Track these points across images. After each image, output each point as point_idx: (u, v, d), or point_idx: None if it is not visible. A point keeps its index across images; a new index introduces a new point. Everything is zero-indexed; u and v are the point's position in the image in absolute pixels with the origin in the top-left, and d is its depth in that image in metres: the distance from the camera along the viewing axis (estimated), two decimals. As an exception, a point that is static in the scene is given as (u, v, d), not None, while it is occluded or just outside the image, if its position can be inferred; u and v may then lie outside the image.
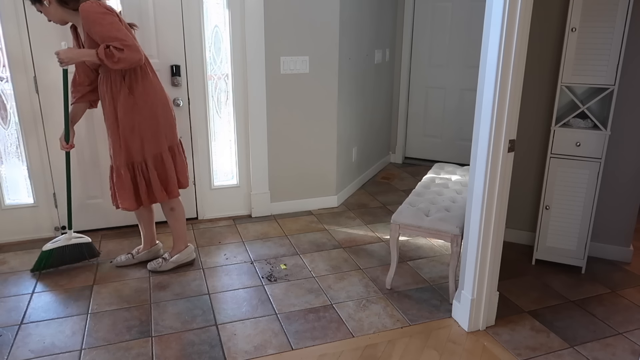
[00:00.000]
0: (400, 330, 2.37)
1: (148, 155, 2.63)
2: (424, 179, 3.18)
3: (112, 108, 2.59)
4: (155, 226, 3.00)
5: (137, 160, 2.63)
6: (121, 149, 2.60)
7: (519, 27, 1.97)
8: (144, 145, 2.62)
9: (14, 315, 2.46)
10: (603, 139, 2.69)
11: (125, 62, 2.41)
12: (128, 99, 2.55)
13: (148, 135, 2.61)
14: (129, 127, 2.58)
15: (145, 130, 2.60)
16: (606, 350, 2.24)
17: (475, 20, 4.52)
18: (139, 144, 2.61)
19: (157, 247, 3.03)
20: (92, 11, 2.39)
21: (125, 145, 2.60)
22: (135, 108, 2.56)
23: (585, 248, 2.85)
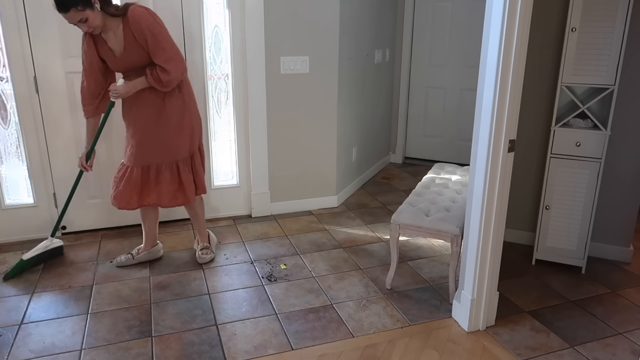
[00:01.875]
0: (400, 330, 2.37)
1: (194, 150, 2.77)
2: (424, 179, 3.18)
3: (155, 109, 2.61)
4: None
5: (183, 157, 2.71)
6: (165, 146, 2.65)
7: (519, 27, 1.97)
8: (192, 141, 2.74)
9: (14, 315, 2.46)
10: (603, 139, 2.69)
11: (174, 81, 2.54)
12: (178, 98, 2.64)
13: (197, 131, 2.76)
14: (179, 125, 2.66)
15: (194, 127, 2.73)
16: (606, 350, 2.24)
17: (475, 20, 4.52)
18: (189, 140, 2.71)
19: (158, 247, 3.04)
20: (144, 15, 2.45)
21: (172, 143, 2.66)
22: (184, 106, 2.67)
23: (585, 248, 2.85)
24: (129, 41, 2.47)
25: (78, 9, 2.32)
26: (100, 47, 2.54)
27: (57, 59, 3.03)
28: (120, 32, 2.47)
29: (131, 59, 2.53)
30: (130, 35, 2.46)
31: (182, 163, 2.71)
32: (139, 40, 2.46)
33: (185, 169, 2.72)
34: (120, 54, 2.51)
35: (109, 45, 2.52)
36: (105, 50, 2.54)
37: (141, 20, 2.43)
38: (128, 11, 2.44)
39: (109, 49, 2.53)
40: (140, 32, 2.44)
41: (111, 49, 2.53)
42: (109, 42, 2.52)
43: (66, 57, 3.05)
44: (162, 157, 2.67)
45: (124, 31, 2.46)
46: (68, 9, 2.32)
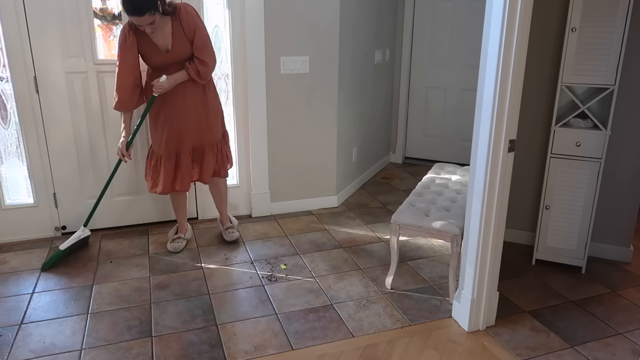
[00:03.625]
0: (400, 330, 2.37)
1: (225, 130, 3.11)
2: (424, 179, 3.18)
3: (197, 96, 2.85)
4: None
5: (218, 138, 3.02)
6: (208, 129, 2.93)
7: (519, 27, 1.97)
8: (223, 123, 3.09)
9: (14, 315, 2.46)
10: (603, 139, 2.69)
11: (209, 73, 2.84)
12: (211, 85, 2.95)
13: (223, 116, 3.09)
14: (216, 110, 2.97)
15: (221, 111, 3.07)
16: (606, 350, 2.24)
17: (475, 20, 4.51)
18: (221, 122, 3.06)
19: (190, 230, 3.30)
20: (193, 13, 2.71)
21: (213, 125, 2.95)
22: (215, 93, 3.00)
23: (586, 248, 2.85)
24: (178, 37, 2.69)
25: (151, 13, 2.53)
26: (144, 44, 2.70)
27: (57, 59, 3.03)
28: (169, 29, 2.67)
29: (177, 54, 2.72)
30: (180, 31, 2.68)
31: (219, 143, 3.02)
32: (187, 35, 2.69)
33: (222, 148, 3.06)
34: (167, 49, 2.71)
35: (154, 41, 2.69)
36: (149, 47, 2.71)
37: (193, 17, 2.70)
38: (178, 9, 2.67)
39: (154, 45, 2.70)
40: (190, 28, 2.69)
41: (156, 45, 2.70)
42: (154, 38, 2.69)
43: (66, 57, 3.05)
44: (206, 139, 2.94)
45: (173, 27, 2.67)
46: (143, 13, 2.50)
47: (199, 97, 2.87)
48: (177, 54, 2.73)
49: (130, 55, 2.70)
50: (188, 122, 2.87)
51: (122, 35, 2.69)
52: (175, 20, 2.67)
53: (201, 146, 2.95)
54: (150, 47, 2.71)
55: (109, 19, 3.15)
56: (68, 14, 2.99)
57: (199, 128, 2.91)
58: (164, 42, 2.70)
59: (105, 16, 3.14)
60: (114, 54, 3.20)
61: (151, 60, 2.76)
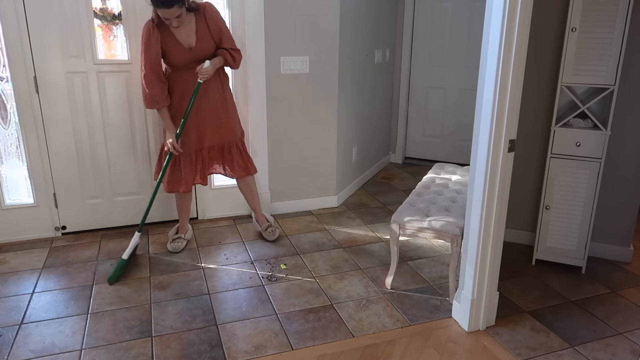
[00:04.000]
0: (400, 330, 2.37)
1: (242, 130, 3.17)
2: (424, 179, 3.18)
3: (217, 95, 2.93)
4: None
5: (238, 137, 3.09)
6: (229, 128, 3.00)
7: (519, 27, 1.97)
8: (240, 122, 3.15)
9: (14, 315, 2.46)
10: (603, 139, 2.69)
11: (240, 62, 2.95)
12: (228, 85, 3.03)
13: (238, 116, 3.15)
14: (234, 109, 3.05)
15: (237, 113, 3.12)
16: (606, 350, 2.24)
17: (475, 20, 4.52)
18: (239, 121, 3.13)
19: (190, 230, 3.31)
20: (218, 13, 2.82)
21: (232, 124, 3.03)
22: (230, 92, 3.06)
23: (586, 248, 2.85)
24: (202, 33, 2.75)
25: (179, 6, 2.57)
26: (167, 41, 2.73)
27: (57, 59, 3.03)
28: (193, 26, 2.73)
29: (201, 51, 2.78)
30: (204, 27, 2.74)
31: (239, 141, 3.09)
32: (212, 31, 2.77)
33: (244, 146, 3.12)
34: (190, 46, 2.76)
35: (177, 38, 2.73)
36: (172, 44, 2.74)
37: (217, 14, 2.80)
38: (203, 6, 2.74)
39: (177, 41, 2.74)
40: (216, 24, 2.77)
41: (179, 42, 2.74)
42: (178, 34, 2.73)
43: (66, 57, 3.05)
44: (226, 138, 3.01)
45: (197, 24, 2.73)
46: (172, 5, 2.54)
47: (218, 97, 2.93)
48: (200, 51, 2.77)
49: (154, 50, 2.71)
50: (208, 122, 2.92)
51: (146, 31, 2.70)
52: (199, 18, 2.73)
53: (222, 145, 3.02)
54: (173, 43, 2.74)
55: (109, 19, 3.15)
56: (68, 14, 2.99)
57: (219, 127, 2.97)
58: (187, 39, 2.74)
59: (105, 16, 3.14)
60: (114, 54, 3.21)
61: (172, 58, 2.78)
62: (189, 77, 2.82)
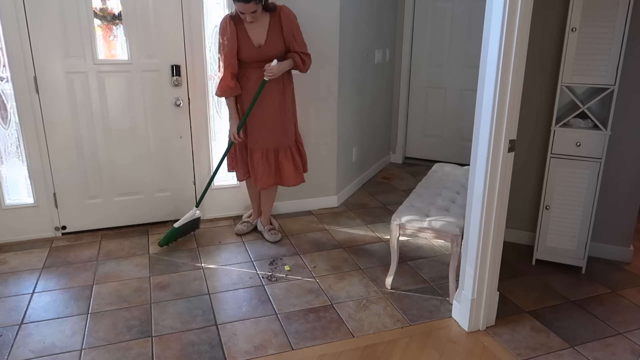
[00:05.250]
0: (400, 330, 2.37)
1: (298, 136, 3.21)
2: (424, 179, 3.18)
3: (277, 98, 2.97)
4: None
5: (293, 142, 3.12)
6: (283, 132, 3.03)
7: (519, 27, 1.97)
8: (297, 129, 3.18)
9: (14, 315, 2.46)
10: (603, 139, 2.69)
11: (309, 66, 3.03)
12: (291, 90, 3.07)
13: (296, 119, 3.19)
14: (293, 114, 3.09)
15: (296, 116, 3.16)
16: (606, 350, 2.24)
17: (475, 20, 4.51)
18: (295, 128, 3.16)
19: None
20: (294, 18, 2.90)
21: (288, 129, 3.05)
22: (293, 98, 3.11)
23: (586, 248, 2.85)
24: (274, 33, 2.84)
25: (256, 3, 2.69)
26: (240, 36, 2.83)
27: (57, 59, 3.03)
28: (266, 25, 2.83)
29: (269, 50, 2.85)
30: (277, 28, 2.84)
31: (292, 147, 3.11)
32: (285, 33, 2.86)
33: (296, 153, 3.14)
34: (260, 44, 2.85)
35: (249, 34, 2.83)
36: (243, 39, 2.84)
37: (293, 18, 2.88)
38: (279, 8, 2.85)
39: (248, 38, 2.83)
40: (289, 27, 2.85)
41: (250, 39, 2.83)
42: (250, 31, 2.83)
43: (66, 57, 3.05)
44: (279, 142, 3.03)
45: (270, 24, 2.83)
46: (250, 1, 2.66)
47: (278, 99, 2.98)
48: (268, 50, 2.85)
49: (230, 43, 2.82)
50: (264, 122, 2.98)
51: (223, 24, 2.84)
52: (274, 18, 2.83)
53: (275, 149, 3.05)
54: (244, 39, 2.82)
55: (109, 19, 3.15)
56: (68, 14, 2.99)
57: (273, 129, 3.00)
58: (258, 37, 2.83)
59: (105, 16, 3.14)
60: (114, 54, 3.21)
61: (241, 53, 2.85)
62: (255, 75, 2.90)
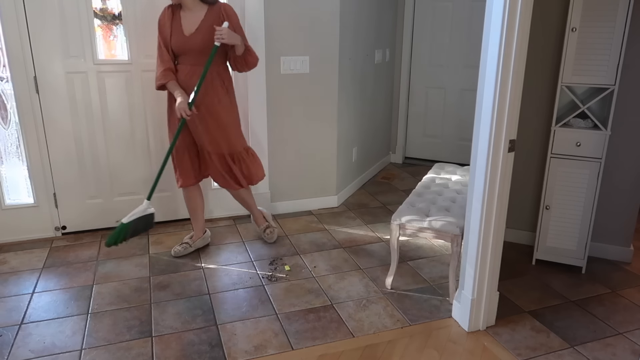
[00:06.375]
0: (400, 330, 2.37)
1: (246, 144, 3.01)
2: (424, 179, 3.18)
3: (210, 99, 2.79)
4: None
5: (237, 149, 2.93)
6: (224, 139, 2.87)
7: (519, 27, 1.97)
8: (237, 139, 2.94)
9: (14, 315, 2.46)
10: (603, 139, 2.69)
11: (253, 64, 2.86)
12: (226, 97, 2.86)
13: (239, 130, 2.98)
14: (230, 120, 2.89)
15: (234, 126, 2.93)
16: (606, 350, 2.24)
17: (475, 20, 4.52)
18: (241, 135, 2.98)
19: (207, 233, 3.23)
20: (235, 13, 2.77)
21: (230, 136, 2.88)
22: (231, 106, 2.90)
23: (586, 248, 2.85)
24: (206, 25, 2.70)
25: None
26: (174, 24, 2.75)
27: (57, 59, 3.03)
28: (201, 16, 2.72)
29: (197, 40, 2.71)
30: (214, 21, 2.70)
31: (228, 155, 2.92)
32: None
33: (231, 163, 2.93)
34: (190, 33, 2.72)
35: (182, 23, 2.74)
36: (176, 27, 2.75)
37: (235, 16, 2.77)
38: (220, 4, 2.74)
39: (180, 26, 2.74)
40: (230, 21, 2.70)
41: (182, 27, 2.74)
42: (183, 20, 2.74)
43: (66, 57, 3.05)
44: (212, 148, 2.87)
45: (206, 16, 2.72)
46: None
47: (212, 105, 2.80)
48: (196, 40, 2.71)
49: (164, 29, 2.76)
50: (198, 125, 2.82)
51: (161, 14, 2.79)
52: (212, 12, 2.73)
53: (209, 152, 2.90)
54: (176, 27, 2.75)
55: (109, 19, 3.15)
56: (68, 14, 2.99)
57: (206, 134, 2.85)
58: (189, 27, 2.74)
59: (105, 16, 3.14)
60: (114, 54, 3.21)
61: (172, 41, 2.75)
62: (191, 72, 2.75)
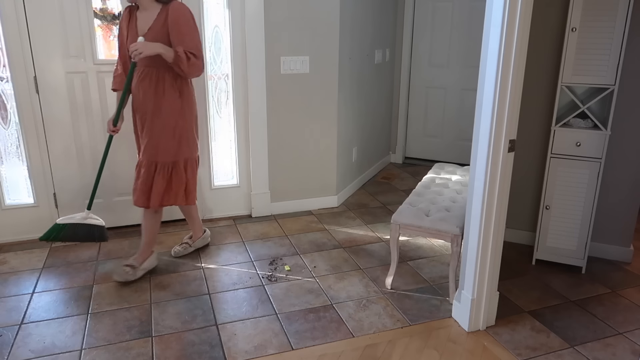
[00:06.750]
0: (400, 330, 2.37)
1: (180, 158, 2.67)
2: (424, 179, 3.18)
3: (151, 105, 2.59)
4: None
5: (164, 160, 2.64)
6: (152, 146, 2.62)
7: (519, 27, 1.97)
8: (180, 148, 2.66)
9: (14, 315, 2.46)
10: (603, 139, 2.69)
11: (195, 71, 2.58)
12: (176, 102, 2.61)
13: (185, 139, 2.67)
14: (170, 128, 2.62)
15: (183, 134, 2.66)
16: (606, 350, 2.24)
17: (476, 20, 4.52)
18: (176, 145, 2.65)
19: (207, 233, 3.20)
20: (185, 12, 2.55)
21: (156, 144, 2.62)
22: (181, 112, 2.64)
23: (586, 248, 2.85)
24: (157, 25, 2.54)
25: None
26: (130, 25, 2.61)
27: (57, 59, 3.03)
28: (154, 16, 2.55)
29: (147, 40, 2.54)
30: (163, 20, 2.53)
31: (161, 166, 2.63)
32: (170, 28, 2.51)
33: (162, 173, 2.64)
34: (143, 32, 2.56)
35: (136, 23, 2.59)
36: (132, 29, 2.60)
37: (181, 13, 2.53)
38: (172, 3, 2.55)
39: (134, 27, 2.59)
40: (176, 20, 2.51)
41: (137, 28, 2.58)
42: (139, 20, 2.59)
43: (66, 57, 3.05)
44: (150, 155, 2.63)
45: (159, 16, 2.54)
46: None
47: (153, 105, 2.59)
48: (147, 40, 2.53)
49: (122, 32, 2.64)
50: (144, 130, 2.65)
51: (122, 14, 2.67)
52: (163, 11, 2.54)
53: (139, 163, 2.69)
54: (132, 28, 2.60)
55: (109, 19, 3.15)
56: (68, 14, 2.99)
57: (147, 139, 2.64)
58: (144, 27, 2.57)
59: (105, 16, 3.14)
60: (114, 54, 3.21)
61: (128, 43, 2.59)
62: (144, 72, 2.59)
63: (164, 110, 2.60)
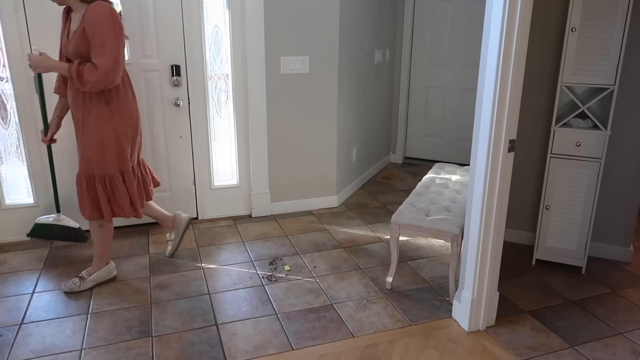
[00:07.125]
0: (400, 330, 2.37)
1: (114, 172, 2.53)
2: (424, 179, 3.18)
3: (80, 115, 2.47)
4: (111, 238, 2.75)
5: (98, 173, 2.50)
6: (83, 158, 2.50)
7: (519, 27, 1.97)
8: (112, 160, 2.50)
9: (14, 315, 2.46)
10: (603, 139, 2.69)
11: (93, 86, 2.33)
12: (103, 111, 2.44)
13: (116, 151, 2.51)
14: (98, 139, 2.45)
15: (113, 146, 2.49)
16: (606, 350, 2.24)
17: (475, 20, 4.52)
18: (107, 157, 2.49)
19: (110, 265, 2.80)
20: (99, 14, 2.29)
21: (89, 155, 2.48)
22: (109, 122, 2.46)
23: (586, 248, 2.85)
24: (80, 29, 2.34)
25: None
26: (65, 27, 2.49)
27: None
28: (80, 18, 2.37)
29: (68, 47, 2.42)
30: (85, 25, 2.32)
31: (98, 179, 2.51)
32: (87, 31, 2.31)
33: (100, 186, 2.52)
34: (70, 38, 2.41)
35: (70, 26, 2.45)
36: (65, 31, 2.48)
37: (96, 15, 2.29)
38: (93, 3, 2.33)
39: (68, 29, 2.46)
40: (88, 25, 2.30)
41: (69, 31, 2.44)
42: (72, 23, 2.44)
43: (66, 57, 3.04)
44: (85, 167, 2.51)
45: (82, 18, 2.34)
46: None
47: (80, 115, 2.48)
48: (70, 45, 2.40)
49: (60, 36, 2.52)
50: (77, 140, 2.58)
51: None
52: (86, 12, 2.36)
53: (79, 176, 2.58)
54: (65, 31, 2.47)
55: (109, 19, 3.14)
56: (68, 14, 2.98)
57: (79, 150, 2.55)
58: (72, 30, 2.42)
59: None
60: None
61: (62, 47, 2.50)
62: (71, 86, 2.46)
63: (92, 118, 2.44)
